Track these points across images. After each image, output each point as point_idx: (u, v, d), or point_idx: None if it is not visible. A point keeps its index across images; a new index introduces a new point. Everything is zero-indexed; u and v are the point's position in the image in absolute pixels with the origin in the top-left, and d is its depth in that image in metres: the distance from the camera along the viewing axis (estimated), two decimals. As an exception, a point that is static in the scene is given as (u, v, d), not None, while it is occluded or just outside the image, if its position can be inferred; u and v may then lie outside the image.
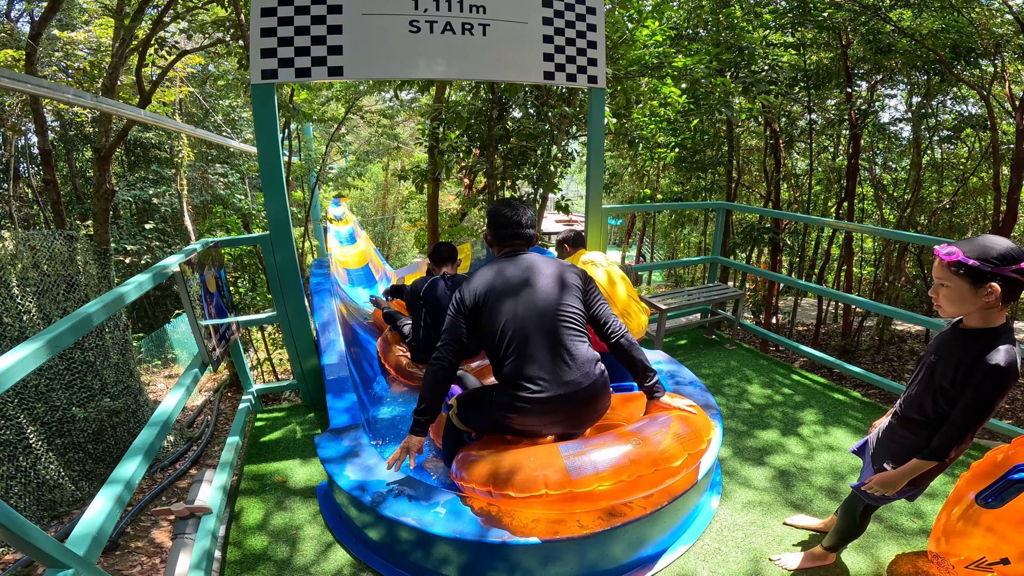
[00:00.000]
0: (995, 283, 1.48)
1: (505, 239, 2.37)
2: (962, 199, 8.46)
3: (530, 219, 2.39)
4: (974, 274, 1.50)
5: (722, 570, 2.19)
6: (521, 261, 2.30)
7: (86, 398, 4.33)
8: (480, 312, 2.21)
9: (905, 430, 1.80)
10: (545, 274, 2.26)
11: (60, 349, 1.47)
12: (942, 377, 1.64)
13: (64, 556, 1.35)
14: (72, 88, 5.58)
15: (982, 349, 1.54)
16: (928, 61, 6.32)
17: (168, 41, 7.31)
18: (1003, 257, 1.47)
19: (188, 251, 2.69)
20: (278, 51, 2.90)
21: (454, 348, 2.19)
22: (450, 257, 3.81)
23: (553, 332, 2.14)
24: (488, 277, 2.25)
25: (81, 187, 11.26)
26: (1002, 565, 1.82)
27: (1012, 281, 1.48)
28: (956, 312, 1.60)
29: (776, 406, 3.60)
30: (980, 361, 1.53)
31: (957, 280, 1.54)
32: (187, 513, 2.21)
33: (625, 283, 3.35)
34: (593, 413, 2.22)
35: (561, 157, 6.47)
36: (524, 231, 2.36)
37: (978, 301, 1.53)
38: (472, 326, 2.22)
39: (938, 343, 1.73)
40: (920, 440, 1.74)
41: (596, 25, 3.50)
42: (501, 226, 2.36)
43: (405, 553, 2.14)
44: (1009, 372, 1.50)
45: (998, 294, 1.49)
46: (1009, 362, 1.50)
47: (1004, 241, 1.49)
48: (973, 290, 1.52)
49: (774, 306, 8.08)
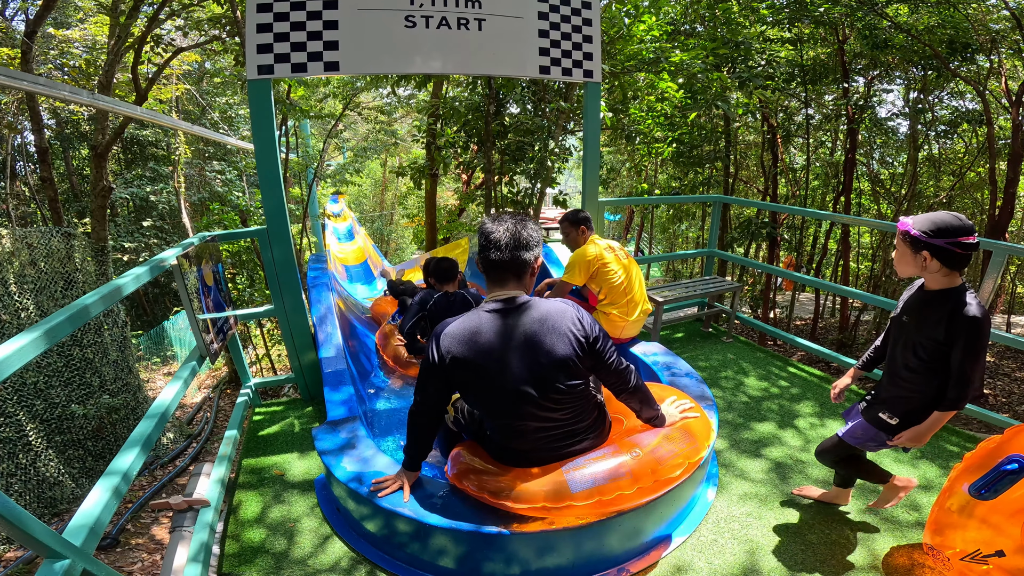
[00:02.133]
0: (927, 252, 1.75)
1: (485, 265, 1.91)
2: (959, 193, 8.47)
3: (514, 236, 1.85)
4: (913, 242, 1.78)
5: (718, 561, 2.21)
6: (503, 324, 1.85)
7: (85, 395, 4.34)
8: (451, 380, 1.93)
9: (895, 386, 2.01)
10: (532, 346, 1.83)
11: (58, 339, 1.47)
12: (919, 333, 1.88)
13: (61, 546, 1.35)
14: (68, 85, 5.57)
15: (955, 306, 1.76)
16: (925, 56, 6.32)
17: (164, 38, 7.29)
18: (940, 230, 1.72)
19: (185, 244, 2.69)
20: (274, 46, 2.90)
21: (433, 404, 2.02)
22: (451, 277, 3.70)
23: (536, 415, 1.92)
24: (461, 345, 1.86)
25: (78, 185, 11.25)
26: (997, 557, 1.82)
27: (943, 251, 1.72)
28: (904, 272, 1.88)
29: (772, 398, 3.61)
30: (958, 316, 1.75)
31: (903, 246, 1.83)
32: (185, 506, 2.22)
33: (637, 270, 3.44)
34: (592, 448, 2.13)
35: (559, 152, 6.47)
36: (504, 254, 1.85)
37: (917, 265, 1.81)
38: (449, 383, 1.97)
39: (906, 304, 1.99)
40: (910, 390, 1.95)
41: (592, 20, 3.50)
42: (480, 246, 1.90)
43: (402, 544, 2.15)
44: (984, 318, 1.74)
45: (929, 260, 1.75)
46: (982, 310, 1.74)
47: (953, 218, 1.72)
48: (913, 256, 1.80)
49: (772, 300, 8.10)
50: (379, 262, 9.02)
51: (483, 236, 1.89)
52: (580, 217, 3.43)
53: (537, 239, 1.92)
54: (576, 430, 2.05)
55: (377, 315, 4.63)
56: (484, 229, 1.90)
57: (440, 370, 1.90)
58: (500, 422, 2.00)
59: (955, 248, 1.70)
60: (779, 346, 6.50)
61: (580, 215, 3.44)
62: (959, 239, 1.69)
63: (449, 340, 1.88)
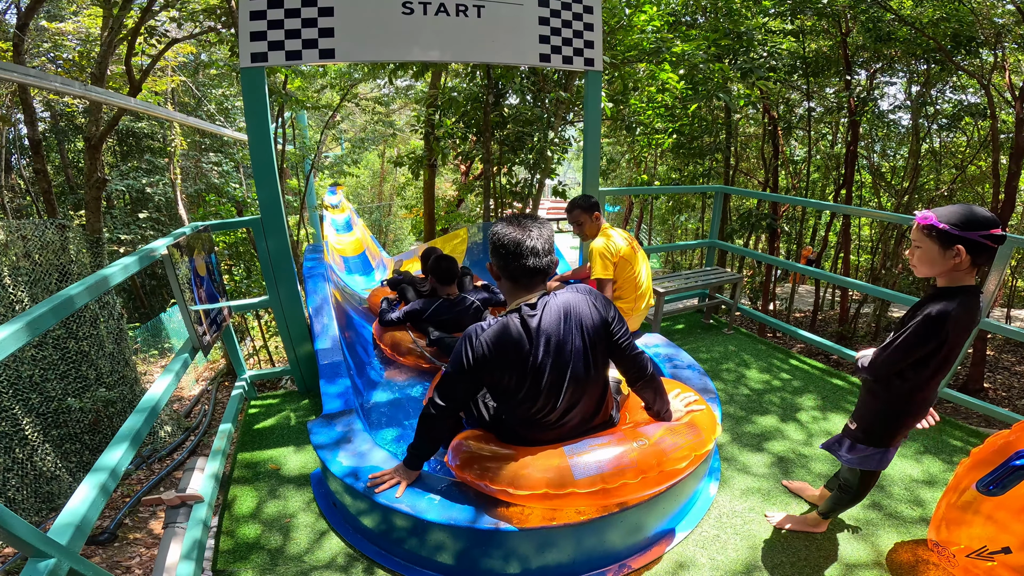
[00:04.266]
0: (961, 246, 1.58)
1: (518, 273, 1.87)
2: (960, 187, 8.42)
3: (547, 240, 1.87)
4: (943, 237, 1.61)
5: (721, 557, 2.18)
6: (537, 326, 1.85)
7: (81, 388, 4.30)
8: (482, 383, 1.96)
9: (865, 389, 1.95)
10: (570, 341, 1.87)
11: (41, 331, 1.43)
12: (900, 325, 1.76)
13: (46, 545, 1.32)
14: (59, 77, 5.50)
15: (932, 300, 1.68)
16: (928, 50, 6.25)
17: (158, 30, 7.21)
18: (970, 222, 1.57)
19: (176, 234, 2.64)
20: (268, 33, 2.83)
21: (457, 407, 2.02)
22: (452, 279, 3.62)
23: (564, 407, 1.96)
24: (497, 350, 1.85)
25: (73, 177, 11.18)
26: (1003, 554, 1.79)
27: (978, 245, 1.58)
28: (927, 272, 1.71)
29: (774, 391, 3.58)
30: (923, 308, 1.67)
31: (928, 242, 1.66)
32: (177, 502, 2.18)
33: (647, 263, 3.40)
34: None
35: (558, 143, 6.41)
36: (541, 259, 1.85)
37: (947, 263, 1.63)
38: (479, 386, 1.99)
39: (913, 307, 1.82)
40: (874, 392, 1.88)
41: (592, 7, 3.43)
42: (510, 255, 1.84)
43: (400, 540, 2.12)
44: (932, 321, 1.63)
45: (964, 256, 1.59)
46: (938, 313, 1.62)
47: (977, 209, 1.59)
48: (942, 252, 1.63)
49: (772, 292, 8.07)
50: (377, 253, 8.96)
51: (514, 245, 1.83)
52: (593, 203, 3.31)
53: (552, 242, 1.95)
54: (594, 422, 2.08)
55: (374, 306, 4.57)
56: (513, 238, 1.83)
57: (475, 374, 1.88)
58: (527, 416, 1.99)
59: (987, 241, 1.58)
60: (779, 338, 6.48)
61: (592, 200, 3.32)
62: (990, 231, 1.57)
63: (485, 345, 1.85)
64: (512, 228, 1.86)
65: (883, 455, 1.93)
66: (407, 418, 3.09)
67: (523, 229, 1.85)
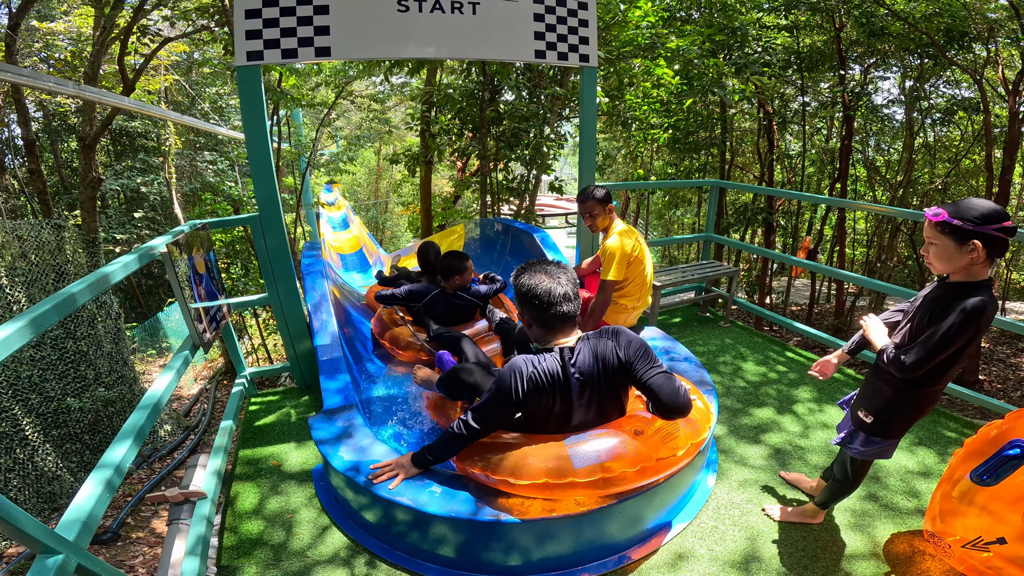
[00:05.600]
0: (977, 240, 1.58)
1: (553, 320, 1.95)
2: (954, 181, 8.46)
3: (574, 283, 1.97)
4: (958, 232, 1.61)
5: (719, 548, 2.20)
6: (573, 368, 1.94)
7: (80, 388, 4.30)
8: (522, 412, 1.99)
9: (880, 380, 1.91)
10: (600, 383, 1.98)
11: (44, 328, 1.44)
12: (928, 327, 1.73)
13: (53, 541, 1.33)
14: (53, 76, 5.48)
15: (958, 297, 1.66)
16: (921, 44, 6.28)
17: (151, 29, 7.17)
18: (984, 216, 1.58)
19: (176, 232, 2.65)
20: (263, 32, 2.83)
21: (489, 431, 2.04)
22: (459, 270, 3.59)
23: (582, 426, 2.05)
24: (538, 386, 1.92)
25: (67, 177, 11.14)
26: (998, 545, 1.81)
27: (993, 239, 1.58)
28: (945, 268, 1.71)
29: (771, 384, 3.61)
30: (955, 304, 1.65)
31: (943, 238, 1.65)
32: (181, 499, 2.20)
33: (650, 259, 3.38)
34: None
35: (554, 138, 6.41)
36: (573, 304, 1.95)
37: (964, 258, 1.63)
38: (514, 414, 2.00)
39: (926, 299, 1.81)
40: (890, 383, 1.85)
41: (587, 3, 3.44)
42: (544, 305, 1.92)
43: (402, 534, 2.14)
44: (971, 313, 1.60)
45: (980, 250, 1.59)
46: (974, 307, 1.60)
47: (987, 203, 1.60)
48: (958, 247, 1.62)
49: (768, 286, 8.10)
50: (374, 250, 8.97)
51: (547, 295, 1.91)
52: (606, 194, 3.19)
53: (576, 283, 2.03)
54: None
55: (372, 302, 4.59)
56: (545, 288, 1.91)
57: (518, 407, 1.94)
58: (547, 431, 2.06)
59: (1001, 234, 1.58)
60: (775, 331, 6.51)
61: (607, 192, 3.20)
62: (1003, 224, 1.57)
63: (535, 381, 1.91)
64: (541, 277, 1.94)
65: (892, 445, 1.96)
66: (407, 412, 3.11)
67: (551, 277, 1.94)
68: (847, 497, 2.24)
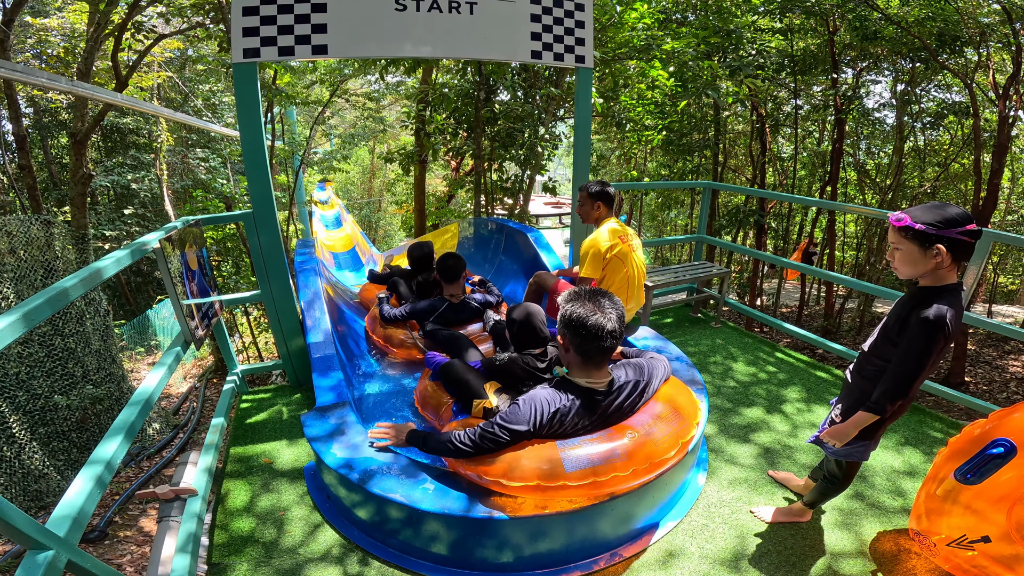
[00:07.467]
0: (941, 245, 1.59)
1: (593, 352, 1.99)
2: (943, 184, 8.55)
3: (621, 320, 1.98)
4: (921, 237, 1.62)
5: (710, 546, 2.22)
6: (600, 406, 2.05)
7: (68, 386, 4.26)
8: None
9: (858, 382, 1.93)
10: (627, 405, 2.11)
11: (37, 321, 1.43)
12: (890, 330, 1.78)
13: (44, 537, 1.32)
14: (45, 72, 5.43)
15: (919, 304, 1.66)
16: (913, 48, 6.34)
17: (145, 25, 7.12)
18: (947, 220, 1.59)
19: (168, 228, 2.64)
20: (260, 29, 2.83)
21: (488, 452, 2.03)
22: (457, 276, 3.59)
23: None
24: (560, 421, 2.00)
25: (57, 173, 11.02)
26: (983, 543, 1.84)
27: (957, 242, 1.59)
28: (911, 273, 1.71)
29: (761, 384, 3.64)
30: (914, 314, 1.65)
31: (907, 243, 1.66)
32: (172, 496, 2.19)
33: (641, 260, 3.40)
34: None
35: (548, 139, 6.43)
36: (616, 341, 1.97)
37: (928, 262, 1.64)
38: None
39: (898, 301, 1.85)
40: (869, 391, 1.83)
41: (584, 4, 3.46)
42: (590, 337, 1.94)
43: (394, 531, 2.14)
44: (934, 324, 1.61)
45: (944, 254, 1.60)
46: (937, 316, 1.60)
47: (950, 207, 1.61)
48: (922, 252, 1.64)
49: (759, 287, 8.15)
50: (367, 249, 8.94)
51: (597, 329, 1.92)
52: (598, 191, 3.22)
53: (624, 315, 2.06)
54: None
55: (365, 300, 4.58)
56: (596, 322, 1.92)
57: (531, 436, 1.99)
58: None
59: (965, 238, 1.58)
60: (766, 332, 6.55)
61: (600, 190, 3.23)
62: (966, 227, 1.58)
63: (550, 416, 1.99)
64: (592, 310, 1.95)
65: (869, 446, 1.98)
66: (400, 410, 3.10)
67: (603, 312, 1.95)
68: (836, 496, 2.27)
